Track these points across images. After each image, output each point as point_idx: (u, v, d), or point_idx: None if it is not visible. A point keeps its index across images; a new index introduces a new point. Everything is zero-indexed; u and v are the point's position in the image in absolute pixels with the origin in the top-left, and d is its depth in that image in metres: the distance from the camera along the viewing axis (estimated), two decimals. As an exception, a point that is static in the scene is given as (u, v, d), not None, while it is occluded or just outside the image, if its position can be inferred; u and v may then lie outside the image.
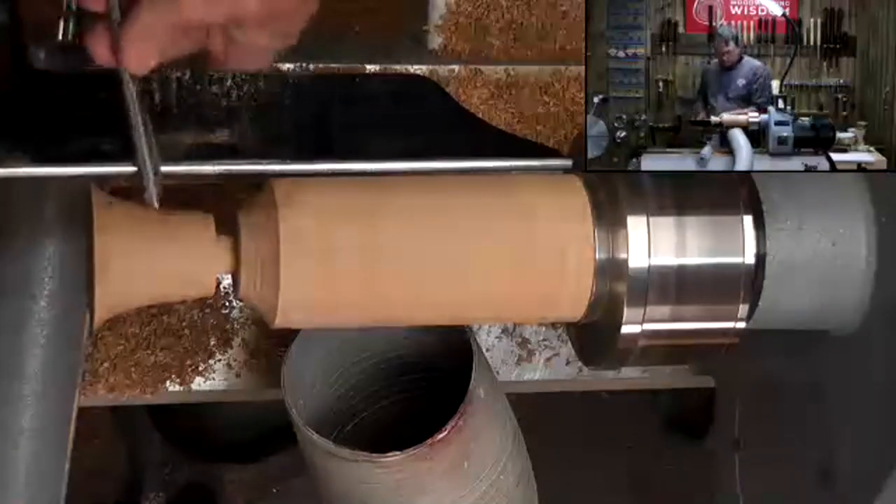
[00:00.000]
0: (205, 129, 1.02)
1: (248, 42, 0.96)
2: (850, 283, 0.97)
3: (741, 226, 0.94)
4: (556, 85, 1.29)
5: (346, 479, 1.16)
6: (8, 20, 1.04)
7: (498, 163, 1.00)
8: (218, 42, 0.96)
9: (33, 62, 1.06)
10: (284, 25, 0.96)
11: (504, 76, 1.29)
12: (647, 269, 0.93)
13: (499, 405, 1.21)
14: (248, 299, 0.93)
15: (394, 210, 0.93)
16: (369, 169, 0.98)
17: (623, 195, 0.93)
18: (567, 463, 1.76)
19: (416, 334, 1.25)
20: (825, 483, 1.02)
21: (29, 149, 0.94)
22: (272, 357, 1.26)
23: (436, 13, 1.33)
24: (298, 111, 0.98)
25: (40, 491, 1.06)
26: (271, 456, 1.85)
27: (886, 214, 0.96)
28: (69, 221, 1.04)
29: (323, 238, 0.91)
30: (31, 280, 1.04)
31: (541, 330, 1.29)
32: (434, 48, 1.32)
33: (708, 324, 0.95)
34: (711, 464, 1.22)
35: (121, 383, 1.24)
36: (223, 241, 0.92)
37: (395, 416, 1.30)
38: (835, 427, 1.01)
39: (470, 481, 1.17)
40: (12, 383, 1.05)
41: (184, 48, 0.95)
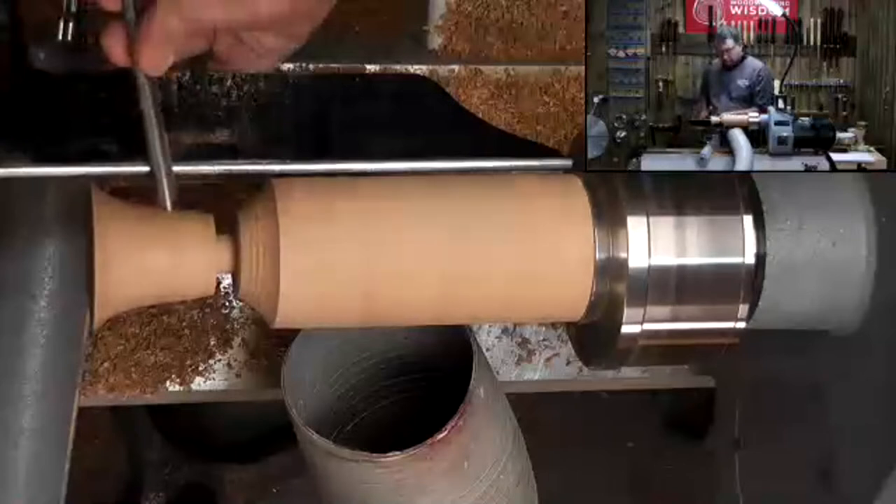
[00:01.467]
0: (205, 129, 1.02)
1: (258, 43, 0.96)
2: (850, 283, 0.97)
3: (741, 226, 0.94)
4: (556, 85, 1.29)
5: (346, 479, 1.16)
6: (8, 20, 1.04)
7: (498, 163, 1.00)
8: (225, 43, 0.96)
9: (33, 62, 1.07)
10: (297, 28, 0.96)
11: (504, 76, 1.29)
12: (647, 269, 0.93)
13: (499, 405, 1.21)
14: (248, 299, 0.93)
15: (394, 210, 0.93)
16: (369, 169, 0.98)
17: (623, 195, 0.93)
18: (567, 463, 1.76)
19: (416, 334, 1.25)
20: (825, 483, 1.02)
21: (29, 149, 0.94)
22: (272, 357, 1.26)
23: (436, 13, 1.33)
24: (298, 111, 0.98)
25: (40, 491, 1.06)
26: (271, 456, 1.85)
27: (886, 214, 0.96)
28: (69, 221, 1.04)
29: (323, 238, 0.91)
30: (31, 280, 1.05)
31: (541, 330, 1.29)
32: (434, 48, 1.32)
33: (708, 324, 0.95)
34: (711, 464, 1.23)
35: (121, 383, 1.24)
36: (223, 241, 0.92)
37: (395, 416, 1.30)
38: (835, 427, 1.01)
39: (470, 481, 1.17)
40: (12, 383, 1.05)
41: (194, 49, 0.95)
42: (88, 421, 1.21)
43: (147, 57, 0.92)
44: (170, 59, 0.93)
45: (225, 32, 0.95)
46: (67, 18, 1.08)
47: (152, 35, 0.91)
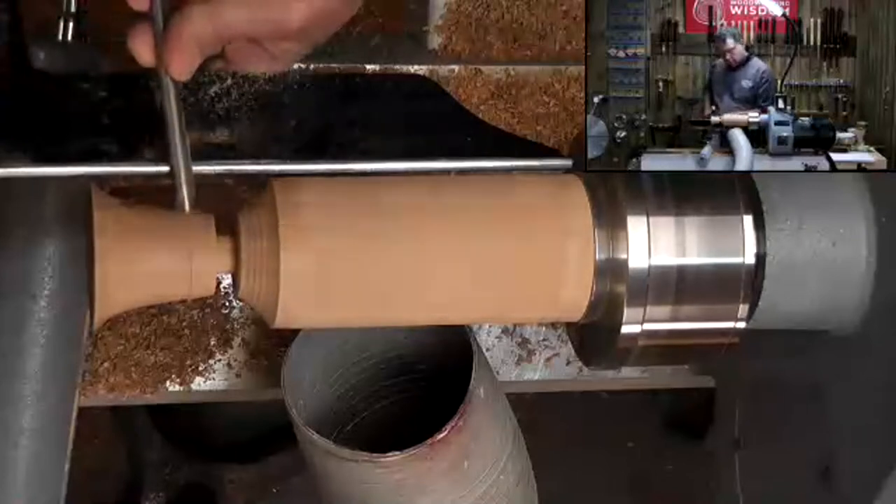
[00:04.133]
0: (205, 128, 1.02)
1: (276, 47, 0.96)
2: (850, 283, 0.97)
3: (741, 226, 0.94)
4: (556, 85, 1.29)
5: (346, 478, 1.16)
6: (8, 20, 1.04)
7: (498, 163, 1.00)
8: (242, 44, 0.96)
9: (33, 62, 1.06)
10: (320, 33, 0.96)
11: (504, 76, 1.29)
12: (647, 269, 0.93)
13: (499, 405, 1.21)
14: (248, 299, 0.93)
15: (394, 210, 0.93)
16: (369, 169, 0.98)
17: (623, 195, 0.93)
18: (567, 463, 1.76)
19: (416, 334, 1.25)
20: (825, 483, 1.02)
21: (29, 149, 0.94)
22: (272, 357, 1.26)
23: (436, 13, 1.33)
24: (298, 111, 0.98)
25: (40, 491, 1.06)
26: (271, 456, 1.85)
27: (886, 214, 0.96)
28: (69, 221, 1.04)
29: (323, 238, 0.91)
30: (31, 280, 1.05)
31: (541, 330, 1.29)
32: (434, 48, 1.32)
33: (708, 324, 0.95)
34: (711, 464, 1.23)
35: (121, 383, 1.24)
36: (223, 241, 0.92)
37: (395, 416, 1.30)
38: (835, 427, 1.01)
39: (470, 481, 1.17)
40: (12, 383, 1.05)
41: (213, 51, 0.95)
42: (88, 421, 1.21)
43: (177, 63, 0.92)
44: (195, 65, 0.93)
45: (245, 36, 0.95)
46: (67, 18, 1.08)
47: (182, 41, 0.92)
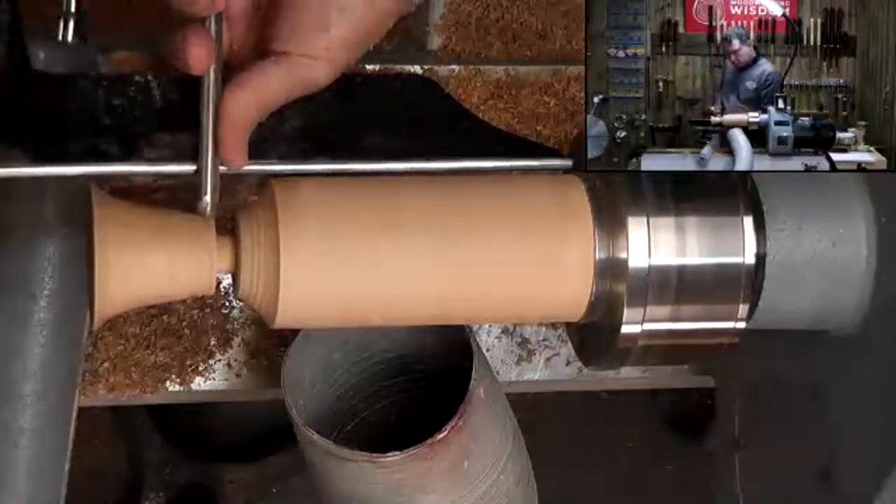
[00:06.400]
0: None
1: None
2: (850, 283, 0.97)
3: (741, 226, 0.94)
4: (556, 85, 1.29)
5: (346, 478, 1.16)
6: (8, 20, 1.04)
7: (498, 163, 1.00)
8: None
9: (33, 62, 1.06)
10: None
11: (504, 76, 1.29)
12: (647, 269, 0.93)
13: (499, 405, 1.21)
14: (248, 299, 0.93)
15: (394, 210, 0.93)
16: (369, 169, 0.98)
17: (623, 195, 0.93)
18: (567, 463, 1.76)
19: (416, 334, 1.25)
20: (825, 483, 1.02)
21: (29, 149, 0.94)
22: (272, 357, 1.26)
23: (436, 13, 1.33)
24: (299, 111, 0.98)
25: (40, 491, 1.06)
26: (271, 456, 1.85)
27: (886, 214, 0.96)
28: (69, 221, 1.04)
29: (323, 238, 0.91)
30: (31, 280, 1.05)
31: (541, 330, 1.29)
32: (434, 48, 1.32)
33: (708, 324, 0.95)
34: (711, 464, 1.23)
35: (121, 383, 1.24)
36: (223, 241, 0.92)
37: (395, 416, 1.30)
38: (835, 427, 1.01)
39: (470, 481, 1.17)
40: (12, 383, 1.05)
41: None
42: (88, 421, 1.21)
43: (240, 159, 0.93)
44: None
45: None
46: (67, 18, 1.08)
47: (238, 136, 0.92)
